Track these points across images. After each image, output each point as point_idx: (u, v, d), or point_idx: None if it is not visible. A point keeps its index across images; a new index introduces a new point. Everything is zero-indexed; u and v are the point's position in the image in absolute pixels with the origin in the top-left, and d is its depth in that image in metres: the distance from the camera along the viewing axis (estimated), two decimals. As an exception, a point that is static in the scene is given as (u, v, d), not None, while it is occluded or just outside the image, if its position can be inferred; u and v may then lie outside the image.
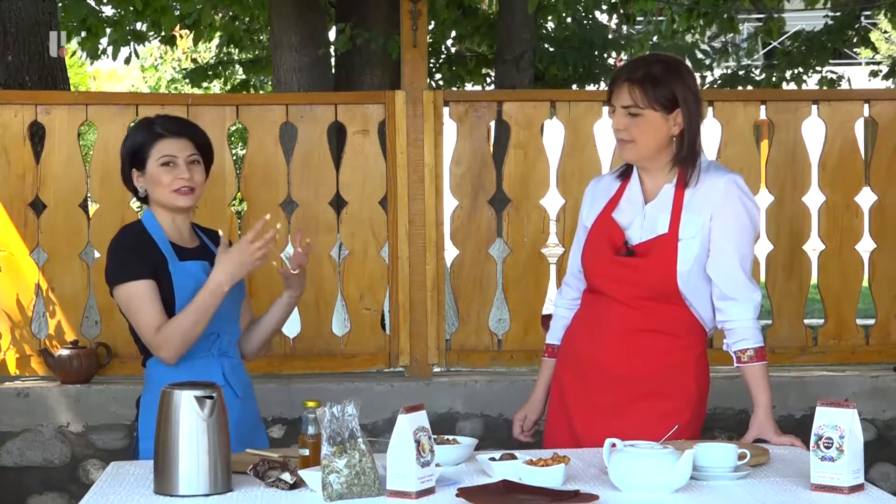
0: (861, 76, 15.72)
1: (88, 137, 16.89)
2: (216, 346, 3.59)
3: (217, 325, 3.57)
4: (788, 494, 2.83)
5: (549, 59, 13.39)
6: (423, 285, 5.48)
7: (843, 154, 5.67)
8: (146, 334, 3.50)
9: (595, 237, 3.56)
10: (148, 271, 3.49)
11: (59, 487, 5.25)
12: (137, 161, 3.59)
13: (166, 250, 3.56)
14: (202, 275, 3.54)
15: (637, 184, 3.52)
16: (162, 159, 3.55)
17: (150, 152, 3.56)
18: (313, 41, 9.41)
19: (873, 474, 5.33)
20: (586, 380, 3.53)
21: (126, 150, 3.63)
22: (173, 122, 3.65)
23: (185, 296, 3.50)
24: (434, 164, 5.49)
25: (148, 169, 3.57)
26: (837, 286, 5.70)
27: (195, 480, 2.84)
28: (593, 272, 3.55)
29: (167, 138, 3.57)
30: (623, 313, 3.47)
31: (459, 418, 5.34)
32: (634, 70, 3.42)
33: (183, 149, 3.58)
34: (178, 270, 3.54)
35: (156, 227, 3.60)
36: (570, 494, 2.75)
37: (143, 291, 3.48)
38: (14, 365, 5.43)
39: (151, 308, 3.48)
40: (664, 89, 3.39)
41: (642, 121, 3.40)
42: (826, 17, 13.79)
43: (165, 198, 3.58)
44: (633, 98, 3.39)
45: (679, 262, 3.41)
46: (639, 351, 3.45)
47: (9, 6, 8.33)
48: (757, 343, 3.45)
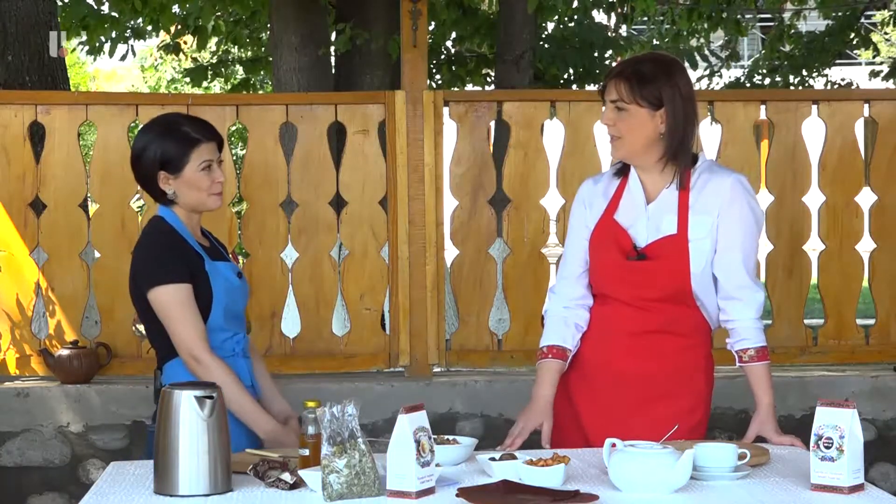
0: (861, 77, 15.73)
1: (88, 137, 16.89)
2: (241, 345, 3.63)
3: (240, 325, 3.64)
4: (788, 494, 2.83)
5: (549, 59, 13.40)
6: (423, 285, 5.48)
7: (843, 154, 5.66)
8: (185, 341, 3.49)
9: (600, 241, 3.53)
10: (186, 274, 3.51)
11: (59, 487, 5.25)
12: (171, 166, 3.58)
13: (199, 249, 3.59)
14: (232, 276, 3.61)
15: (637, 183, 3.51)
16: (203, 164, 3.57)
17: (190, 157, 3.56)
18: (313, 41, 9.40)
19: (873, 474, 5.34)
20: (594, 383, 3.52)
21: (157, 155, 3.58)
22: (203, 126, 3.65)
23: (220, 296, 3.55)
24: (434, 164, 5.49)
25: (185, 173, 3.57)
26: (837, 286, 5.70)
27: (195, 480, 2.83)
28: (602, 276, 3.53)
29: (204, 143, 3.59)
30: (631, 315, 3.47)
31: (459, 418, 5.34)
32: (625, 66, 3.46)
33: (214, 152, 3.62)
34: (214, 271, 3.57)
35: (182, 226, 3.61)
36: (570, 494, 2.75)
37: (184, 297, 3.50)
38: (14, 365, 5.43)
39: (193, 316, 3.49)
40: (650, 86, 3.40)
41: (628, 115, 3.41)
42: (827, 18, 13.79)
43: (202, 200, 3.60)
44: (619, 93, 3.41)
45: (692, 263, 3.41)
46: (649, 352, 3.45)
47: (9, 6, 8.33)
48: (758, 343, 3.45)
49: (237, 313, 3.66)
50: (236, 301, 3.64)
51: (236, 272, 3.67)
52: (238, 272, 3.68)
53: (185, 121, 3.67)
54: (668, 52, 13.69)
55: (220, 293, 3.56)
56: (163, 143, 3.59)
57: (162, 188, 3.60)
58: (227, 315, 3.59)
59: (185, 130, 3.60)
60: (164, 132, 3.62)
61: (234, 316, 3.64)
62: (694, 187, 3.45)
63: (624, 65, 3.48)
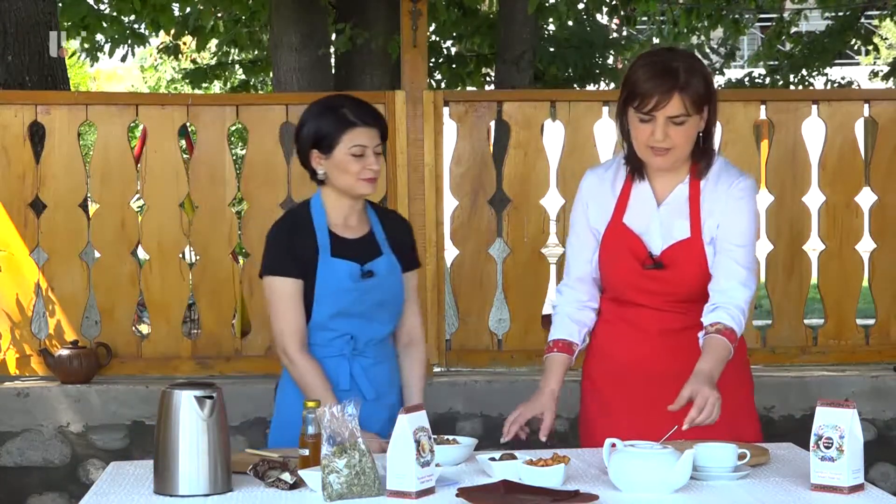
0: (861, 77, 15.74)
1: (88, 137, 16.89)
2: (349, 346, 3.54)
3: (353, 326, 3.53)
4: (788, 494, 2.83)
5: (549, 59, 13.41)
6: (423, 285, 5.47)
7: (843, 154, 5.66)
8: (280, 337, 3.50)
9: (612, 249, 3.43)
10: (297, 269, 3.48)
11: (59, 487, 5.25)
12: (323, 145, 3.50)
13: (322, 242, 3.51)
14: (347, 279, 3.50)
15: (646, 184, 3.41)
16: (354, 149, 3.47)
17: (342, 139, 3.48)
18: (313, 41, 9.41)
19: (873, 474, 5.33)
20: (632, 384, 3.43)
21: (311, 133, 3.52)
22: (364, 110, 3.54)
23: (326, 295, 3.49)
24: (434, 164, 5.49)
25: (335, 155, 3.49)
26: (837, 286, 5.69)
27: (195, 480, 2.83)
28: (618, 284, 3.45)
29: (359, 127, 3.49)
30: (659, 317, 3.40)
31: (459, 418, 5.34)
32: (669, 77, 3.22)
33: (373, 138, 3.51)
34: (326, 267, 3.49)
35: (321, 212, 3.55)
36: (570, 494, 2.75)
37: (289, 292, 3.48)
38: (14, 365, 5.43)
39: (293, 313, 3.48)
40: (702, 88, 3.26)
41: (687, 126, 3.27)
42: (827, 18, 13.81)
43: (350, 185, 3.52)
44: (684, 106, 3.23)
45: (710, 266, 3.34)
46: (683, 349, 3.36)
47: (9, 6, 8.33)
48: (733, 325, 3.25)
49: (354, 313, 3.52)
50: (352, 301, 3.51)
51: (362, 272, 3.51)
52: (366, 271, 3.52)
53: (348, 103, 3.56)
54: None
55: (325, 291, 3.49)
56: (318, 121, 3.52)
57: (314, 167, 3.53)
58: (337, 314, 3.50)
59: (343, 112, 3.50)
60: (322, 111, 3.55)
61: (350, 315, 3.52)
62: (706, 184, 3.37)
63: (668, 73, 3.23)
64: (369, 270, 3.53)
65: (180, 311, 5.59)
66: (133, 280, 5.50)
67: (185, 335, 5.59)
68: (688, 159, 3.37)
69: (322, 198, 3.57)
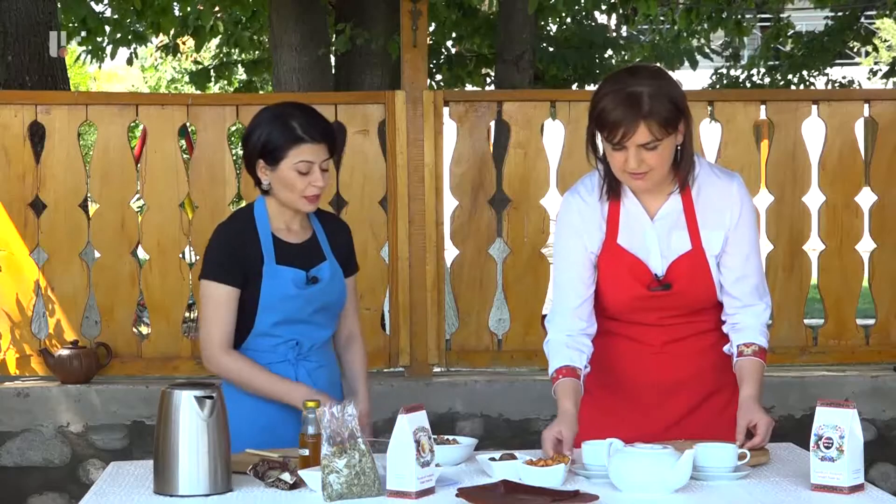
0: (861, 76, 15.74)
1: (88, 137, 16.89)
2: (293, 352, 3.50)
3: (297, 332, 3.48)
4: (788, 494, 2.83)
5: (549, 59, 13.41)
6: (423, 285, 5.48)
7: (843, 154, 5.67)
8: (205, 342, 3.44)
9: (610, 273, 3.31)
10: (237, 277, 3.40)
11: (59, 487, 5.25)
12: (269, 157, 3.39)
13: (267, 249, 3.44)
14: (292, 287, 3.43)
15: (634, 200, 3.30)
16: (300, 165, 3.37)
17: (288, 154, 3.37)
18: (313, 41, 9.41)
19: (873, 474, 5.34)
20: (633, 392, 3.39)
21: (258, 144, 3.40)
22: (314, 124, 3.42)
23: (270, 302, 3.41)
24: (434, 164, 5.49)
25: (280, 168, 3.38)
26: (837, 286, 5.70)
27: (195, 480, 2.83)
28: (621, 308, 3.35)
29: (307, 143, 3.37)
30: (663, 331, 3.35)
31: (459, 418, 5.34)
32: (634, 103, 3.09)
33: (320, 154, 3.40)
34: (271, 275, 3.42)
35: (264, 219, 3.47)
36: (570, 494, 2.75)
37: (223, 299, 3.41)
38: (14, 365, 5.43)
39: (223, 321, 3.41)
40: (668, 111, 3.12)
41: (661, 149, 3.15)
42: (826, 19, 13.80)
43: (292, 201, 3.43)
44: (652, 134, 3.11)
45: (715, 278, 3.30)
46: (687, 356, 3.35)
47: (9, 6, 8.33)
48: (763, 343, 3.31)
49: (299, 319, 3.47)
50: (297, 308, 3.45)
51: (307, 278, 3.45)
52: (311, 277, 3.46)
53: (300, 114, 3.42)
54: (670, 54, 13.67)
55: (271, 300, 3.42)
56: (268, 130, 3.40)
57: (259, 176, 3.45)
58: (282, 321, 3.45)
59: (293, 125, 3.38)
60: (272, 119, 3.43)
61: (294, 321, 3.46)
62: (696, 190, 3.29)
63: (631, 102, 3.09)
64: (314, 276, 3.47)
65: (180, 311, 5.59)
66: (133, 280, 5.50)
67: (185, 335, 5.59)
68: (669, 171, 3.25)
69: (266, 204, 3.49)
